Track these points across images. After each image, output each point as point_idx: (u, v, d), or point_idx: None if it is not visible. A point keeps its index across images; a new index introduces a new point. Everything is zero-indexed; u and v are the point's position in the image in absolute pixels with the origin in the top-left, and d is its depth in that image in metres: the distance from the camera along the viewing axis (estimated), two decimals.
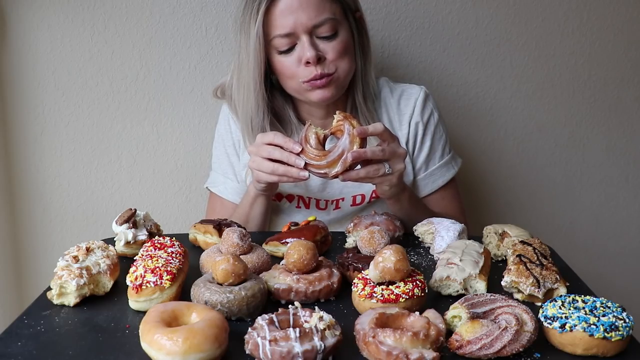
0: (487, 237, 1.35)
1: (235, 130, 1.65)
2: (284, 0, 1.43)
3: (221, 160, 1.68)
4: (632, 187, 2.08)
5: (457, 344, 0.93)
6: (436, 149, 1.66)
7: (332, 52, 1.47)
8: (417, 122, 1.62)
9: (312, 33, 1.45)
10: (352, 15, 1.53)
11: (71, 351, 0.95)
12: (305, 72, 1.47)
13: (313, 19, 1.44)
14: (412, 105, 1.63)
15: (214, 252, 1.20)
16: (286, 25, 1.44)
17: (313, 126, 1.33)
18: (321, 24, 1.45)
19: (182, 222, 1.97)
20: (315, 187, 1.61)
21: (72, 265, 1.10)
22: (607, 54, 1.98)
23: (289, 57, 1.47)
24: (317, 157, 1.30)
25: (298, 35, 1.45)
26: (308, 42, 1.45)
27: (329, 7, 1.46)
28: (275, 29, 1.45)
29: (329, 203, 1.63)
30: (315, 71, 1.46)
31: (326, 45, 1.47)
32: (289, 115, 1.61)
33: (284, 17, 1.44)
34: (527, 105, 2.00)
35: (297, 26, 1.44)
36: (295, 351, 0.87)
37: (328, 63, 1.47)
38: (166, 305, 0.99)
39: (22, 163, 1.91)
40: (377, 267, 1.04)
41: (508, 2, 1.92)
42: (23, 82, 1.85)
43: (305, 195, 1.62)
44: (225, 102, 1.67)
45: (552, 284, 1.09)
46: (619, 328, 0.93)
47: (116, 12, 1.83)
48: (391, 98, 1.65)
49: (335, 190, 1.62)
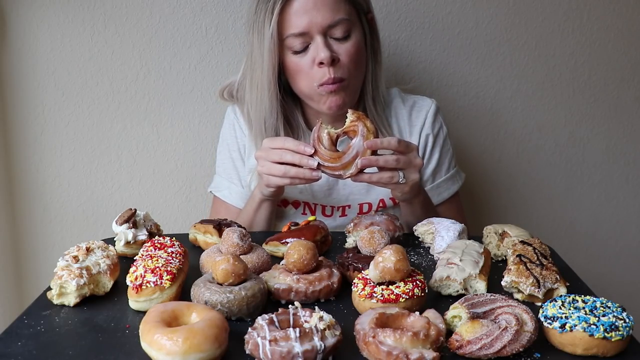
0: (487, 237, 1.35)
1: (240, 136, 1.64)
2: (299, 0, 1.43)
3: (226, 165, 1.68)
4: (632, 187, 2.08)
5: (457, 344, 0.93)
6: (443, 162, 1.67)
7: (346, 55, 1.46)
8: (428, 134, 1.63)
9: (326, 33, 1.45)
10: (364, 16, 1.52)
11: (71, 351, 0.95)
12: (318, 73, 1.46)
13: (328, 19, 1.44)
14: (423, 117, 1.64)
15: (214, 252, 1.20)
16: (300, 24, 1.43)
17: (324, 125, 1.33)
18: (335, 25, 1.45)
19: (182, 222, 1.97)
20: (321, 193, 1.61)
21: (72, 265, 1.10)
22: (607, 54, 1.98)
23: (303, 58, 1.47)
24: (331, 159, 1.29)
25: (312, 36, 1.45)
26: (322, 42, 1.44)
27: (344, 7, 1.46)
28: (289, 28, 1.45)
29: (335, 209, 1.62)
30: (329, 74, 1.45)
31: (340, 47, 1.46)
32: (298, 119, 1.60)
33: (298, 17, 1.43)
34: (527, 105, 2.00)
35: (311, 26, 1.43)
36: (295, 351, 0.87)
37: (341, 66, 1.46)
38: (166, 305, 0.99)
39: (22, 163, 1.91)
40: (377, 267, 1.04)
41: (508, 2, 1.92)
42: (23, 82, 1.85)
43: (311, 201, 1.62)
44: (230, 105, 1.67)
45: (552, 284, 1.09)
46: (619, 328, 0.93)
47: (116, 12, 1.83)
48: (403, 108, 1.65)
49: (342, 197, 1.62)
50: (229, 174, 1.67)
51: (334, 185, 1.61)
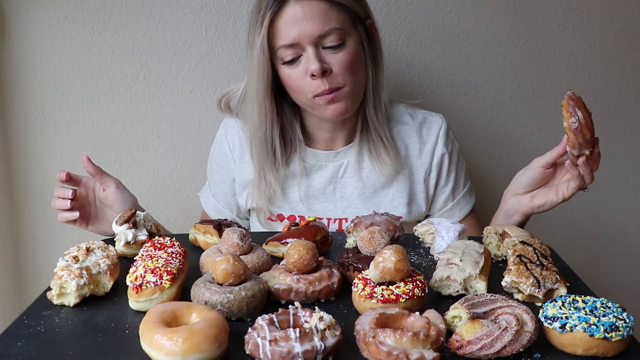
0: (487, 237, 1.35)
1: (226, 152, 1.66)
2: (289, 11, 1.41)
3: (210, 175, 1.73)
4: (632, 187, 2.08)
5: (458, 344, 0.93)
6: (460, 178, 1.67)
7: (338, 66, 1.43)
8: (443, 153, 1.62)
9: (317, 44, 1.42)
10: (362, 24, 1.49)
11: (71, 351, 0.95)
12: (312, 85, 1.44)
13: (318, 29, 1.40)
14: (435, 135, 1.62)
15: (214, 252, 1.20)
16: (290, 35, 1.41)
17: None
18: (327, 34, 1.41)
19: (182, 222, 1.97)
20: (299, 205, 1.61)
21: (72, 265, 1.10)
22: (607, 54, 1.98)
23: (295, 69, 1.44)
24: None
25: (303, 46, 1.42)
26: (313, 53, 1.41)
27: (336, 17, 1.42)
28: (279, 39, 1.43)
29: (332, 222, 1.61)
30: (323, 85, 1.42)
31: (332, 57, 1.43)
32: (295, 130, 1.58)
33: (288, 28, 1.41)
34: (527, 105, 2.00)
35: (301, 37, 1.41)
36: (295, 351, 0.87)
37: (335, 76, 1.43)
38: (166, 305, 0.99)
39: (22, 163, 1.91)
40: (377, 267, 1.04)
41: (508, 2, 1.92)
42: (23, 82, 1.85)
43: (296, 214, 1.62)
44: (226, 117, 1.66)
45: (552, 284, 1.09)
46: (619, 328, 0.93)
47: (116, 12, 1.83)
48: (412, 124, 1.62)
49: (339, 209, 1.61)
50: (210, 183, 1.74)
51: (331, 195, 1.62)
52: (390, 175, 1.59)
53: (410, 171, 1.61)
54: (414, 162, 1.61)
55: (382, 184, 1.60)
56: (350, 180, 1.61)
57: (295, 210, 1.61)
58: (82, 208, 1.43)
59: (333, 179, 1.61)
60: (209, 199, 1.73)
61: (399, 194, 1.60)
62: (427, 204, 1.64)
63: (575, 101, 1.31)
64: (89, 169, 1.42)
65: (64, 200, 1.40)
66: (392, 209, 1.58)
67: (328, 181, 1.61)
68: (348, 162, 1.60)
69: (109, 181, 1.44)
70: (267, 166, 1.55)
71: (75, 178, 1.44)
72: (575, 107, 1.31)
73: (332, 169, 1.61)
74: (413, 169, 1.61)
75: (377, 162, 1.57)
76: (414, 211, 1.62)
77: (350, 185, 1.61)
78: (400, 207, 1.60)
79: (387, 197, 1.60)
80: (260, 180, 1.56)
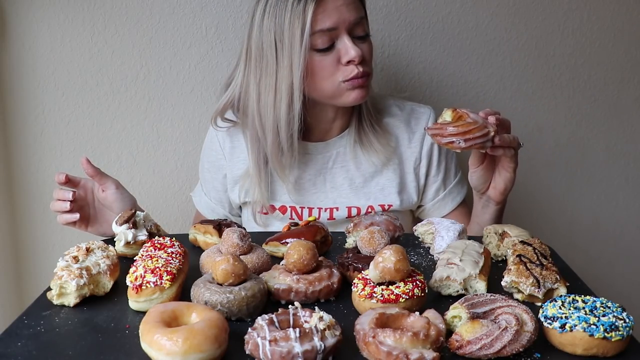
0: (487, 237, 1.35)
1: (217, 149, 1.66)
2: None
3: (202, 173, 1.74)
4: (632, 187, 2.08)
5: (457, 344, 0.93)
6: (450, 168, 1.67)
7: (367, 54, 1.49)
8: (432, 142, 1.62)
9: (351, 31, 1.47)
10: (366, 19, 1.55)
11: (71, 351, 0.95)
12: (346, 70, 1.47)
13: (354, 15, 1.46)
14: (423, 125, 1.63)
15: (214, 252, 1.20)
16: (331, 19, 1.44)
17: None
18: (358, 22, 1.47)
19: (182, 222, 1.97)
20: (308, 198, 1.62)
21: (72, 265, 1.10)
22: (607, 54, 1.98)
23: (328, 56, 1.46)
24: (461, 127, 1.28)
25: (339, 33, 1.45)
26: (350, 41, 1.46)
27: (362, 7, 1.50)
28: (318, 24, 1.44)
29: (322, 211, 1.62)
30: (357, 69, 1.46)
31: (362, 46, 1.48)
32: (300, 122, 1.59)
33: (329, 12, 1.44)
34: (527, 105, 2.00)
35: (340, 22, 1.44)
36: (295, 351, 0.87)
37: (367, 63, 1.49)
38: (166, 305, 0.99)
39: (22, 163, 1.91)
40: (377, 267, 1.04)
41: (508, 2, 1.92)
42: (23, 82, 1.85)
43: (287, 205, 1.62)
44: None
45: (552, 284, 1.09)
46: (619, 328, 0.93)
47: (116, 12, 1.83)
48: (400, 115, 1.65)
49: (329, 200, 1.62)
50: (201, 182, 1.75)
51: (321, 186, 1.63)
52: (381, 163, 1.61)
53: (400, 160, 1.63)
54: (403, 151, 1.63)
55: (371, 174, 1.62)
56: (340, 170, 1.62)
57: (286, 202, 1.62)
58: (82, 209, 1.43)
59: (323, 169, 1.63)
60: (201, 197, 1.74)
61: (389, 183, 1.62)
62: (418, 194, 1.65)
63: (433, 130, 1.30)
64: (88, 170, 1.42)
65: (63, 202, 1.40)
66: (383, 198, 1.61)
67: (318, 172, 1.62)
68: (337, 153, 1.62)
69: (108, 182, 1.44)
70: (275, 156, 1.54)
71: (73, 180, 1.43)
72: (439, 135, 1.29)
73: (322, 159, 1.62)
74: (403, 158, 1.63)
75: (368, 151, 1.60)
76: (405, 200, 1.63)
77: (340, 176, 1.62)
78: (392, 196, 1.62)
79: (377, 187, 1.62)
80: (260, 171, 1.57)
